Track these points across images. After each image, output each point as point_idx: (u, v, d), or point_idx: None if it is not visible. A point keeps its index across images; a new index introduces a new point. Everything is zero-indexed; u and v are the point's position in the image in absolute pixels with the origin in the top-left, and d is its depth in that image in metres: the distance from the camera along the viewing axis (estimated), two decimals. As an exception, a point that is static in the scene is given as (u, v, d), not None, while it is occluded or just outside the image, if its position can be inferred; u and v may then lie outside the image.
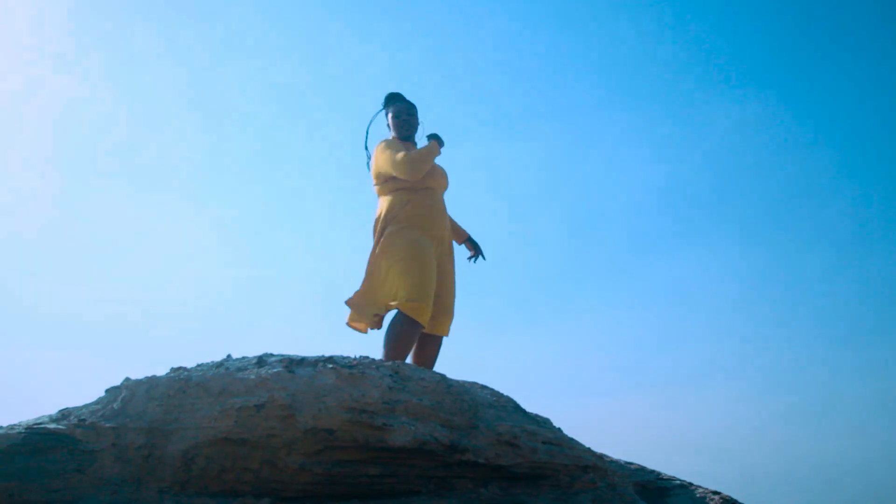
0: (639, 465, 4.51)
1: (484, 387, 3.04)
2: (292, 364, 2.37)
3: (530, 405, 3.26)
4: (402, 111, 3.75)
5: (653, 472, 4.44)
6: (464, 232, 3.97)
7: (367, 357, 2.70)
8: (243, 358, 2.45)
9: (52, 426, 2.05)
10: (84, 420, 2.10)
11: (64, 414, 2.22)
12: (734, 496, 3.86)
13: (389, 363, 2.68)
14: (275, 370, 2.30)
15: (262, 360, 2.39)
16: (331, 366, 2.39)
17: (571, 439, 3.22)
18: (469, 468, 2.54)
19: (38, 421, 2.14)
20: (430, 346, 3.67)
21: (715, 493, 4.29)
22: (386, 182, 3.59)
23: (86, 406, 2.25)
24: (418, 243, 3.50)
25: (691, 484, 4.48)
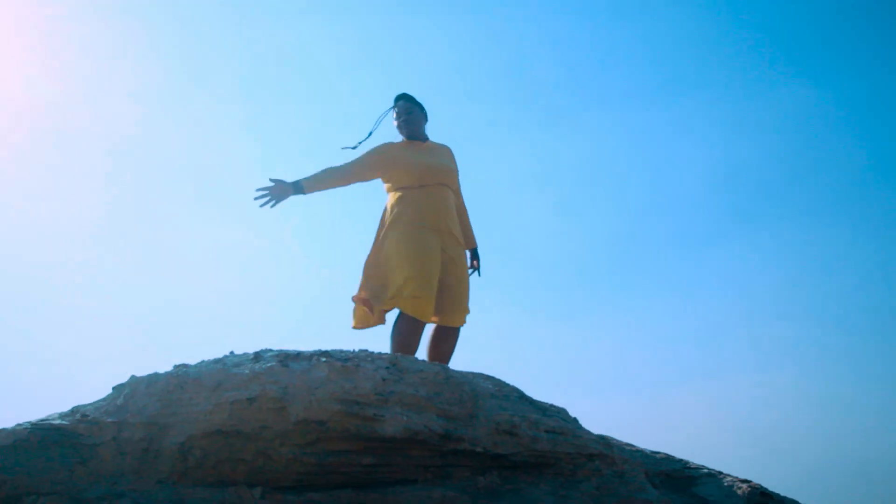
0: (665, 454, 4.46)
1: (488, 377, 3.06)
2: (287, 358, 2.44)
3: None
4: (401, 112, 3.85)
5: (680, 461, 4.39)
6: (473, 241, 4.02)
7: (366, 350, 2.76)
8: (243, 354, 2.54)
9: (57, 422, 2.17)
10: (87, 416, 2.22)
11: (74, 411, 2.35)
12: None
13: (388, 356, 2.73)
14: (269, 365, 2.38)
15: (258, 356, 2.47)
16: (325, 359, 2.45)
17: (580, 428, 3.22)
18: (467, 457, 2.57)
19: (48, 417, 2.27)
20: (445, 337, 3.71)
21: (744, 481, 4.21)
22: (385, 182, 3.71)
23: (94, 403, 2.37)
24: (414, 237, 3.57)
25: (720, 473, 4.41)
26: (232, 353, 2.67)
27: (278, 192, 3.47)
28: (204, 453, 2.19)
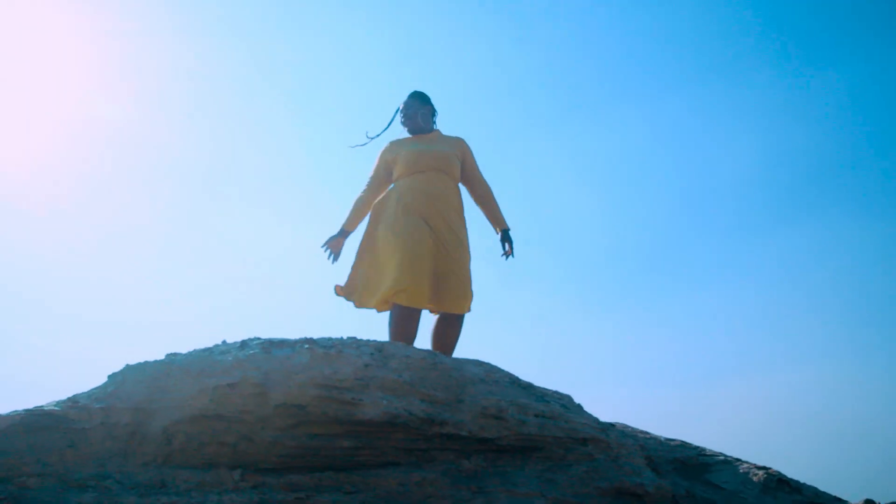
0: (681, 441, 4.42)
1: (481, 363, 3.08)
2: (271, 346, 2.51)
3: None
4: (406, 108, 3.98)
5: (696, 448, 4.34)
6: (502, 222, 4.03)
7: (355, 338, 2.81)
8: (232, 343, 2.62)
9: (49, 408, 2.28)
10: (78, 402, 2.32)
11: (71, 399, 2.46)
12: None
13: (375, 343, 2.78)
14: (252, 352, 2.45)
15: (244, 344, 2.55)
16: (307, 346, 2.51)
17: (583, 414, 3.22)
18: (452, 441, 2.60)
19: (45, 405, 2.39)
20: (447, 325, 3.75)
21: (761, 468, 4.15)
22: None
23: (89, 391, 2.48)
24: (400, 225, 3.64)
25: (738, 460, 4.36)
26: (224, 342, 2.76)
27: (336, 246, 3.82)
28: (188, 437, 2.27)
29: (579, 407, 3.51)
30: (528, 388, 3.12)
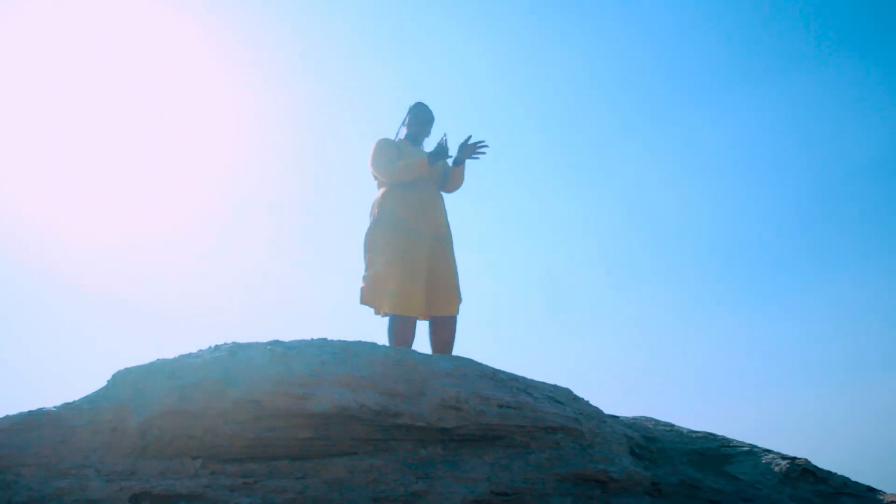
0: (706, 432, 4.37)
1: (454, 358, 3.21)
2: (238, 349, 2.78)
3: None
4: (422, 116, 4.23)
5: (719, 439, 4.29)
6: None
7: (326, 339, 3.03)
8: (208, 347, 2.90)
9: (47, 409, 2.65)
10: (71, 403, 2.68)
11: (68, 402, 2.83)
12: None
13: (342, 343, 2.99)
14: (219, 354, 2.72)
15: (217, 348, 2.83)
16: (270, 348, 2.76)
17: (588, 406, 3.31)
18: (412, 431, 2.76)
19: (46, 407, 2.76)
20: (441, 326, 3.93)
21: (785, 458, 4.06)
22: (375, 178, 4.01)
23: (89, 395, 2.84)
24: (397, 236, 3.83)
25: (767, 451, 4.27)
26: (215, 346, 3.06)
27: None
28: (161, 431, 2.56)
29: (576, 399, 3.57)
30: (508, 381, 3.22)
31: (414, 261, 3.78)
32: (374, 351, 2.97)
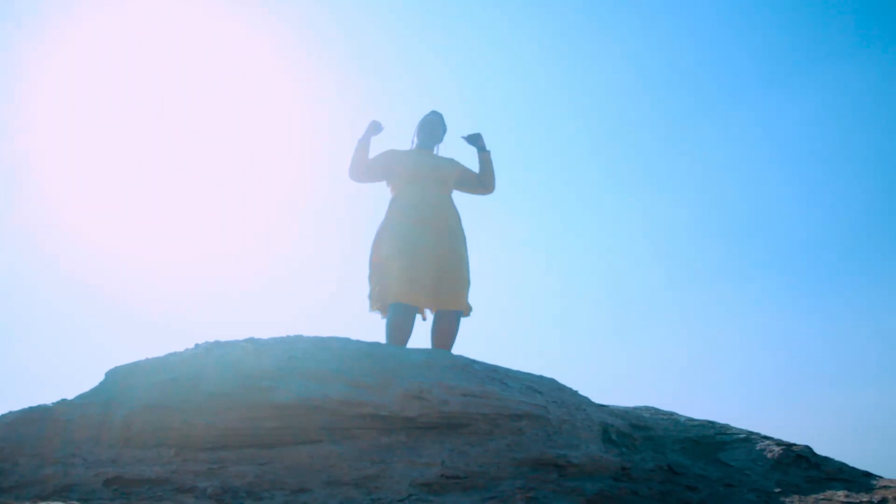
0: (705, 420, 4.39)
1: (431, 351, 3.35)
2: (215, 346, 3.00)
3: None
4: (432, 124, 4.49)
5: (718, 427, 4.31)
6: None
7: (302, 335, 3.22)
8: (190, 347, 3.14)
9: (45, 405, 2.93)
10: (66, 400, 2.95)
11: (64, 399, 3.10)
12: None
13: (317, 338, 3.17)
14: (196, 352, 2.95)
15: (197, 346, 3.06)
16: (243, 345, 2.97)
17: (576, 395, 3.42)
18: (376, 420, 2.92)
19: (45, 403, 3.05)
20: (442, 321, 4.06)
21: (779, 444, 4.05)
22: (387, 185, 4.29)
23: (86, 392, 3.11)
24: (403, 232, 3.97)
25: (765, 438, 4.27)
26: (196, 344, 3.29)
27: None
28: (143, 423, 2.80)
29: (560, 389, 3.66)
30: (483, 372, 3.34)
31: (418, 253, 3.93)
32: (346, 346, 3.15)
